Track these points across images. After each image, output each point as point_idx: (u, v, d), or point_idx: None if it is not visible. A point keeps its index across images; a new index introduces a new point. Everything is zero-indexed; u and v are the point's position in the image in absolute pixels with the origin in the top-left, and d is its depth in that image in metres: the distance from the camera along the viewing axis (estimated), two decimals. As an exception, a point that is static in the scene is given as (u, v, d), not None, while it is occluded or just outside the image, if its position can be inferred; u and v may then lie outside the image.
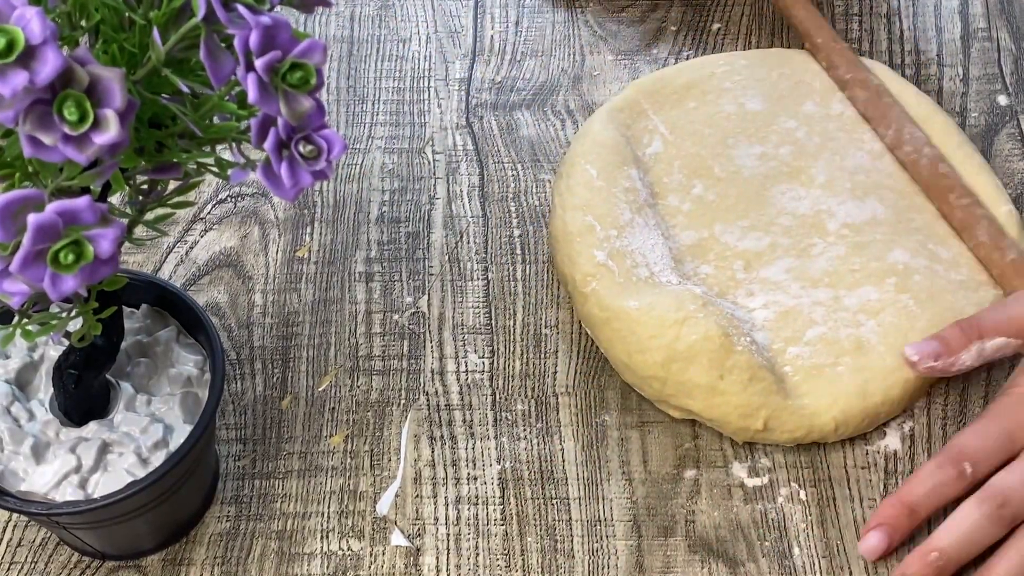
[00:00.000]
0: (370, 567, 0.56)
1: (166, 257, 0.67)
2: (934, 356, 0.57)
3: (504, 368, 0.62)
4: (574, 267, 0.63)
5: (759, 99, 0.69)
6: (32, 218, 0.37)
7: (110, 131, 0.37)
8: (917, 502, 0.55)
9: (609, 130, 0.67)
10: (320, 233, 0.68)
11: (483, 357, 0.63)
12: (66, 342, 0.51)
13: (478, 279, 0.66)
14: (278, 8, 0.42)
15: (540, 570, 0.56)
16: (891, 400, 0.59)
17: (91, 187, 0.41)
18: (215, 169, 0.44)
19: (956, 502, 0.55)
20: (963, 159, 0.65)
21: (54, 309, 0.47)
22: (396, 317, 0.65)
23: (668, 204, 0.66)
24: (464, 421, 0.61)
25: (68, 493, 0.51)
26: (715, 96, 0.69)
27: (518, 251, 0.67)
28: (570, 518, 0.58)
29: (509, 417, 0.61)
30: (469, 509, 0.58)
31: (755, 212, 0.65)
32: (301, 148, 0.40)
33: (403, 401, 0.62)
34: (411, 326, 0.64)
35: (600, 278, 0.61)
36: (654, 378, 0.59)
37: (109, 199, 0.44)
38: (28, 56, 0.35)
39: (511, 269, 0.66)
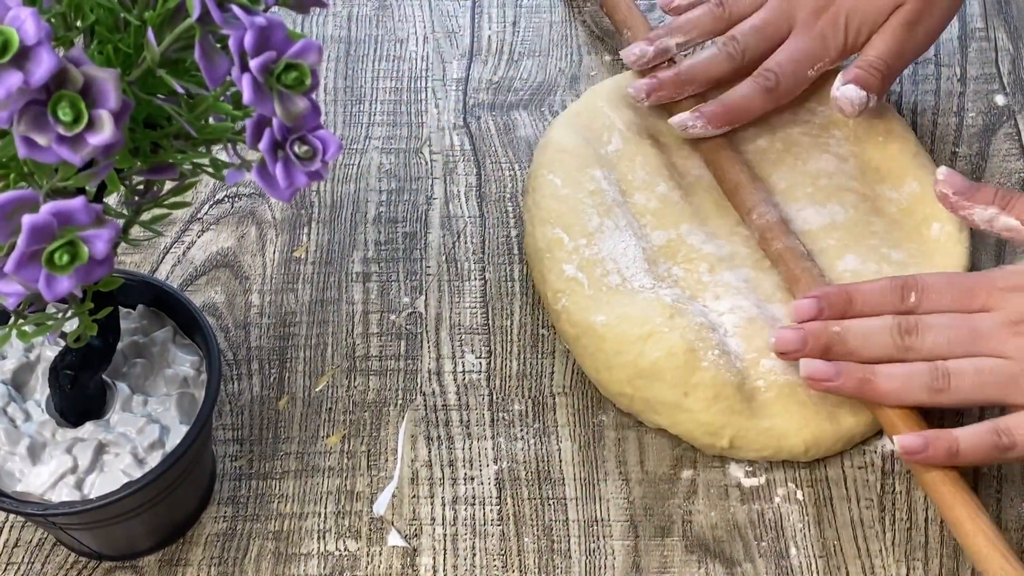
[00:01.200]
0: (367, 567, 0.56)
1: (163, 257, 0.67)
2: (958, 189, 0.59)
3: (501, 368, 0.62)
4: (545, 284, 0.63)
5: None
6: (27, 219, 0.37)
7: (105, 132, 0.37)
8: (856, 294, 0.57)
9: (568, 135, 0.66)
10: (317, 233, 0.68)
11: (480, 357, 0.63)
12: (62, 343, 0.51)
13: (475, 279, 0.66)
14: (273, 8, 0.42)
15: (537, 570, 0.56)
16: (864, 423, 0.59)
17: (86, 188, 0.41)
18: (210, 170, 0.44)
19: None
20: (915, 169, 0.65)
21: (50, 310, 0.47)
22: (393, 317, 0.65)
23: (636, 202, 0.65)
24: (461, 421, 0.61)
25: (64, 493, 0.51)
26: (674, 103, 0.69)
27: (515, 251, 0.67)
28: (567, 518, 0.58)
29: (506, 417, 0.61)
30: (466, 509, 0.58)
31: (716, 219, 0.65)
32: (296, 149, 0.40)
33: (400, 401, 0.62)
34: (408, 326, 0.64)
35: (570, 293, 0.61)
36: (621, 395, 0.60)
37: (105, 200, 0.44)
38: (22, 57, 0.35)
39: (508, 269, 0.66)
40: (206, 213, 0.68)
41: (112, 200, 0.62)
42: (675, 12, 0.71)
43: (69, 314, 0.46)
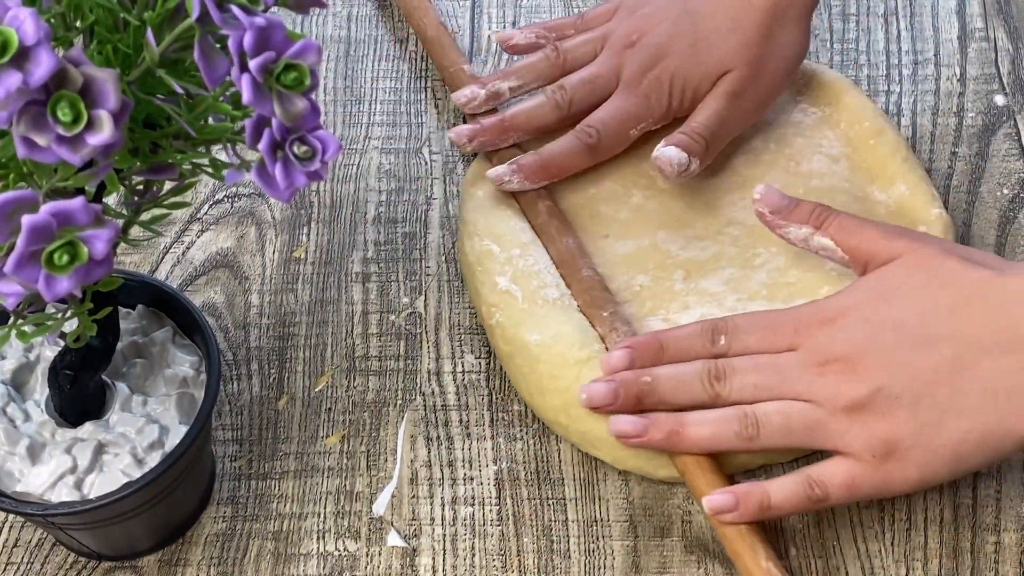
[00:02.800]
0: (366, 568, 0.56)
1: (162, 258, 0.67)
2: (774, 208, 0.59)
3: (501, 368, 0.62)
4: (479, 297, 0.62)
5: None
6: (26, 219, 0.37)
7: (104, 132, 0.37)
8: (668, 341, 0.57)
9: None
10: (317, 234, 0.68)
11: (480, 357, 0.63)
12: (62, 343, 0.51)
13: (475, 279, 0.66)
14: (273, 9, 0.42)
15: (536, 570, 0.56)
16: None
17: (86, 188, 0.41)
18: (210, 170, 0.44)
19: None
20: (905, 172, 0.65)
21: (50, 310, 0.47)
22: (393, 318, 0.65)
23: (599, 212, 0.65)
24: (461, 421, 0.61)
25: (64, 494, 0.51)
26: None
27: (515, 251, 0.67)
28: (566, 518, 0.58)
29: (505, 417, 0.61)
30: (465, 509, 0.58)
31: (702, 222, 0.64)
32: (295, 149, 0.40)
33: (399, 401, 0.62)
34: (408, 327, 0.64)
35: (504, 307, 0.60)
36: (556, 423, 0.59)
37: (105, 200, 0.44)
38: (22, 57, 0.35)
39: (508, 269, 0.66)
40: (205, 213, 0.68)
41: (111, 200, 0.62)
42: (513, 51, 0.70)
43: (68, 314, 0.46)
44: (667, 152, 0.63)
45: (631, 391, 0.56)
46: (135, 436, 0.52)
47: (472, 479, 0.59)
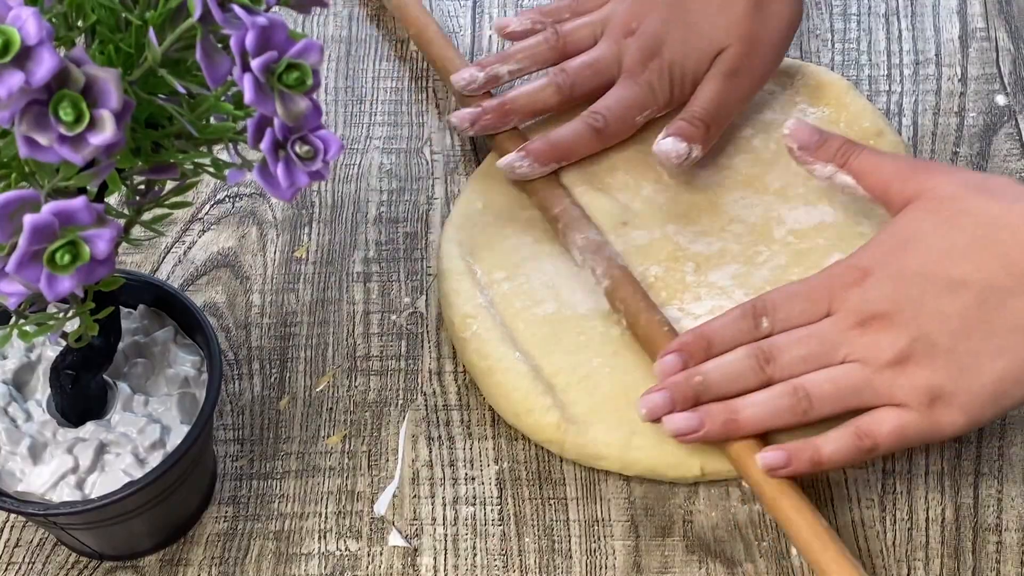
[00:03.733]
0: (368, 567, 0.56)
1: (164, 257, 0.67)
2: (803, 143, 0.60)
3: (502, 368, 0.62)
4: (452, 309, 0.62)
5: None
6: (28, 219, 0.37)
7: (106, 131, 0.37)
8: (713, 335, 0.57)
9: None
10: (318, 233, 0.68)
11: (481, 357, 0.63)
12: (63, 342, 0.51)
13: (476, 279, 0.66)
14: (274, 8, 0.42)
15: (538, 570, 0.56)
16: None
17: (87, 187, 0.41)
18: (212, 170, 0.44)
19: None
20: None
21: (51, 309, 0.47)
22: (394, 317, 0.65)
23: (616, 199, 0.65)
24: (462, 421, 0.61)
25: (65, 493, 0.51)
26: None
27: (516, 251, 0.67)
28: (567, 518, 0.58)
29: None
30: (467, 509, 0.58)
31: (707, 218, 0.65)
32: (297, 149, 0.40)
33: (401, 401, 0.62)
34: (409, 326, 0.64)
35: (482, 320, 0.60)
36: (550, 442, 0.58)
37: (106, 199, 0.44)
38: (24, 57, 0.35)
39: (509, 269, 0.66)
40: (207, 213, 0.68)
41: (113, 200, 0.62)
42: (509, 37, 0.70)
43: (70, 314, 0.46)
44: (665, 144, 0.63)
45: (686, 394, 0.56)
46: (136, 436, 0.52)
47: (473, 479, 0.59)
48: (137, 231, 0.48)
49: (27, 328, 0.45)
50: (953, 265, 0.53)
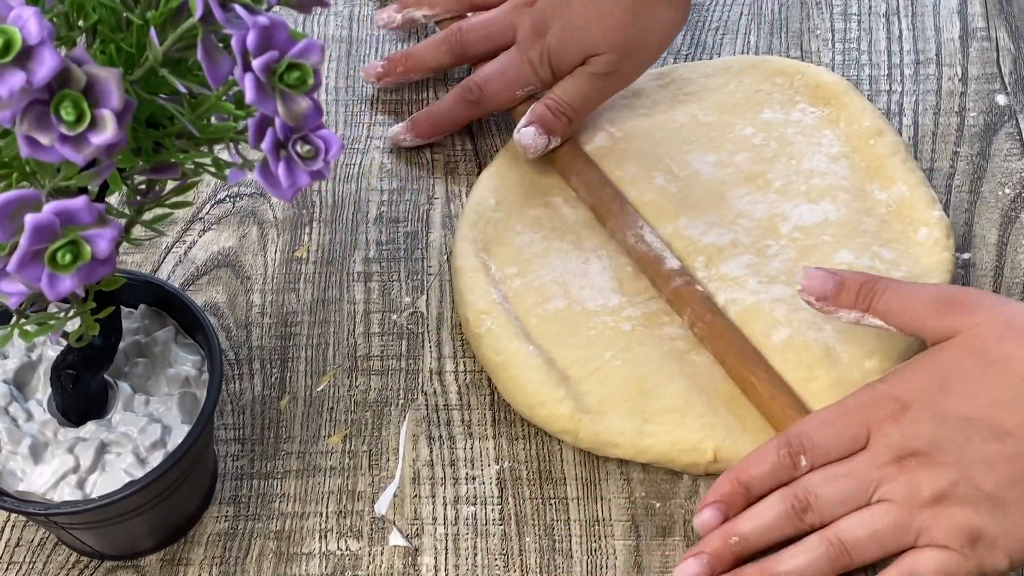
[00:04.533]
0: (368, 567, 0.56)
1: (164, 257, 0.67)
2: (819, 295, 0.57)
3: (502, 368, 0.62)
4: (466, 305, 0.62)
5: (713, 111, 0.69)
6: (29, 218, 0.37)
7: (107, 131, 0.37)
8: (752, 482, 0.55)
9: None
10: (319, 233, 0.68)
11: (481, 357, 0.63)
12: (64, 342, 0.51)
13: (476, 279, 0.66)
14: (275, 8, 0.42)
15: (538, 570, 0.56)
16: None
17: (88, 187, 0.41)
18: (212, 169, 0.44)
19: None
20: (904, 173, 0.65)
21: (52, 309, 0.47)
22: (394, 317, 0.65)
23: (630, 194, 0.66)
24: (463, 421, 0.61)
25: (66, 493, 0.51)
26: (667, 106, 0.69)
27: (516, 251, 0.67)
28: (568, 518, 0.58)
29: (507, 417, 0.61)
30: (467, 509, 0.58)
31: (717, 210, 0.65)
32: (298, 148, 0.40)
33: (401, 401, 0.62)
34: (410, 326, 0.64)
35: (496, 316, 0.61)
36: (564, 433, 0.58)
37: (107, 199, 0.44)
38: (25, 56, 0.35)
39: (509, 269, 0.66)
40: (208, 213, 0.68)
41: (114, 200, 0.62)
42: None
43: (71, 313, 0.46)
44: (524, 135, 0.65)
45: (725, 558, 0.54)
46: (137, 435, 0.52)
47: (474, 478, 0.59)
48: (138, 231, 0.48)
49: (28, 328, 0.45)
50: (998, 415, 0.53)
